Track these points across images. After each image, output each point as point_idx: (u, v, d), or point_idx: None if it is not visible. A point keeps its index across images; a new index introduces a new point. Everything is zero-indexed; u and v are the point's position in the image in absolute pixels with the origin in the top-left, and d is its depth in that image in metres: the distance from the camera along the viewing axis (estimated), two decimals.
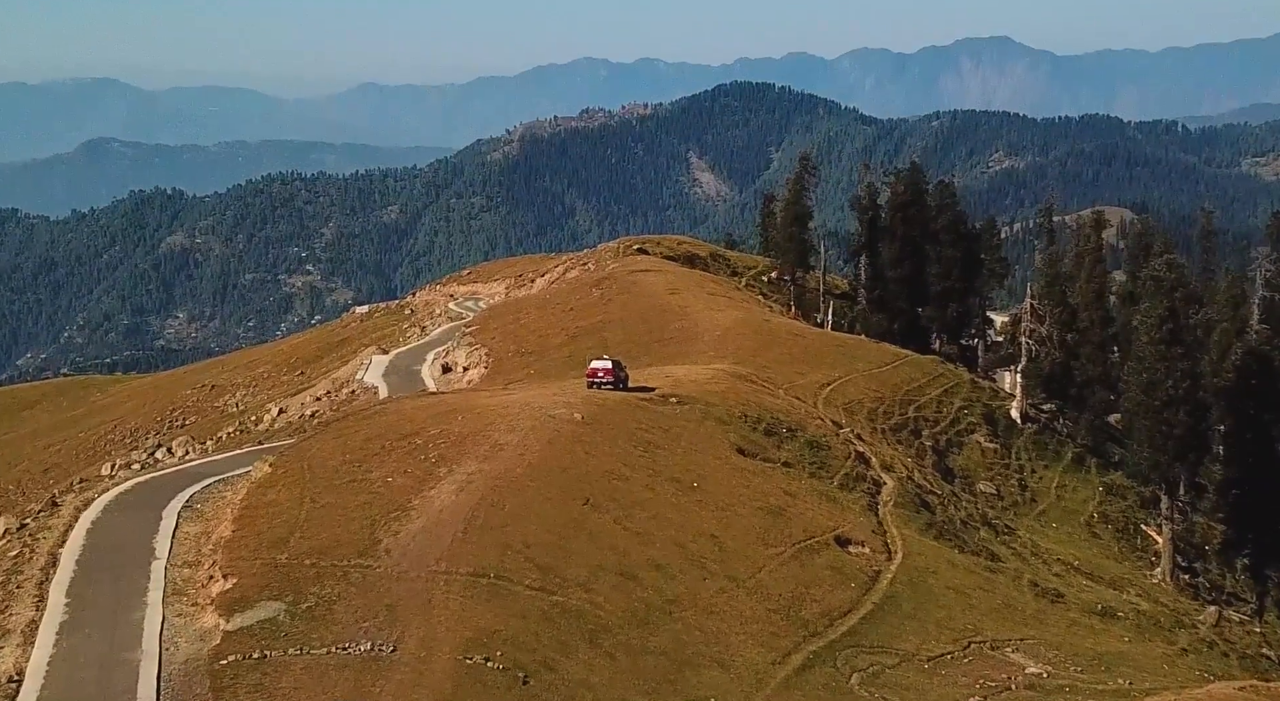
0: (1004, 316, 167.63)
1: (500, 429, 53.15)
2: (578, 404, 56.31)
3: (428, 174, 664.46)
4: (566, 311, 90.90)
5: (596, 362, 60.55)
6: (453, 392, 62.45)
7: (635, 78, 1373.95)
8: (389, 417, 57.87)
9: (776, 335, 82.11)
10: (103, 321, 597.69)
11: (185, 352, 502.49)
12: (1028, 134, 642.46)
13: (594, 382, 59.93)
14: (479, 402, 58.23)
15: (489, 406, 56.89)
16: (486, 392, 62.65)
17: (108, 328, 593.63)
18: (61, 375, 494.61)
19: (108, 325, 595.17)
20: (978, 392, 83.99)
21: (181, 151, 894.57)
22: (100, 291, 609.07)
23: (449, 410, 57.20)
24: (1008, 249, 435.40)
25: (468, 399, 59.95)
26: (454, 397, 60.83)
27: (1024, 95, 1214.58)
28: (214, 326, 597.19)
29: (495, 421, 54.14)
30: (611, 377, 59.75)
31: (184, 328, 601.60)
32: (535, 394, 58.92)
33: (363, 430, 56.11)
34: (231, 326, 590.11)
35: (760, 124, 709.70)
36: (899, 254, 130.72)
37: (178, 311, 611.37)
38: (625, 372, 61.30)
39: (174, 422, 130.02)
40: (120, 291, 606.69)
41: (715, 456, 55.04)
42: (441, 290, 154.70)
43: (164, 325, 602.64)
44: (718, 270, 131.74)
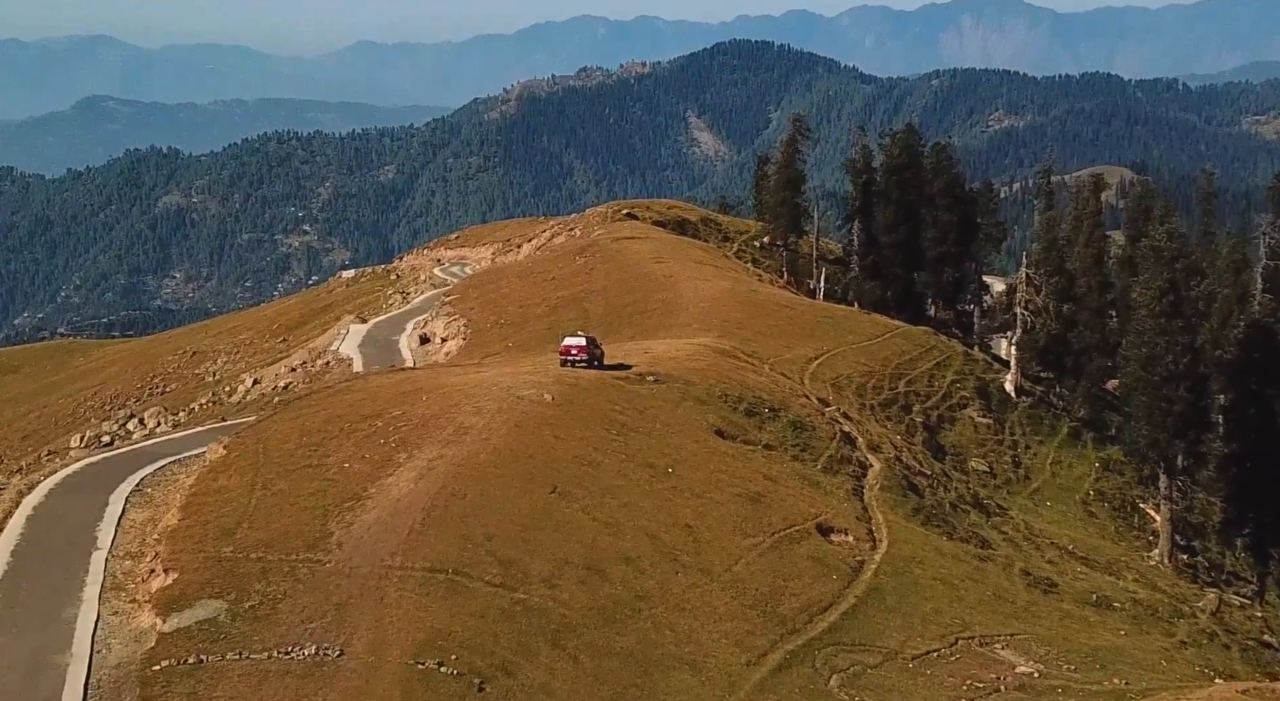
0: (1001, 280, 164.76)
1: (465, 411, 50.35)
2: (549, 384, 53.46)
3: (424, 133, 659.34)
4: (548, 281, 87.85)
5: (570, 340, 57.48)
6: (422, 369, 59.66)
7: (634, 35, 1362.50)
8: (352, 396, 55.06)
9: (763, 306, 79.09)
10: (99, 281, 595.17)
11: (182, 313, 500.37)
12: (1028, 92, 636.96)
13: (567, 360, 56.94)
14: (446, 381, 55.41)
15: (456, 385, 54.11)
16: (457, 369, 59.83)
17: (104, 287, 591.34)
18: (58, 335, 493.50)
19: (104, 285, 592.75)
20: (971, 365, 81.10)
21: (178, 110, 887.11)
22: (97, 251, 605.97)
23: (415, 389, 54.40)
24: (1007, 209, 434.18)
25: (435, 377, 57.11)
26: (422, 375, 58.02)
27: (1024, 53, 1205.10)
28: (211, 286, 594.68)
29: (461, 402, 51.35)
30: (585, 355, 56.72)
31: (181, 287, 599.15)
32: (506, 372, 56.07)
33: (324, 410, 53.34)
34: (229, 286, 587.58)
35: (759, 83, 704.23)
36: (894, 218, 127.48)
37: (174, 271, 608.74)
38: (600, 350, 58.32)
39: (154, 389, 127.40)
40: (117, 251, 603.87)
41: (693, 439, 52.24)
42: (429, 254, 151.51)
43: (161, 285, 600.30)
44: (708, 235, 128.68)
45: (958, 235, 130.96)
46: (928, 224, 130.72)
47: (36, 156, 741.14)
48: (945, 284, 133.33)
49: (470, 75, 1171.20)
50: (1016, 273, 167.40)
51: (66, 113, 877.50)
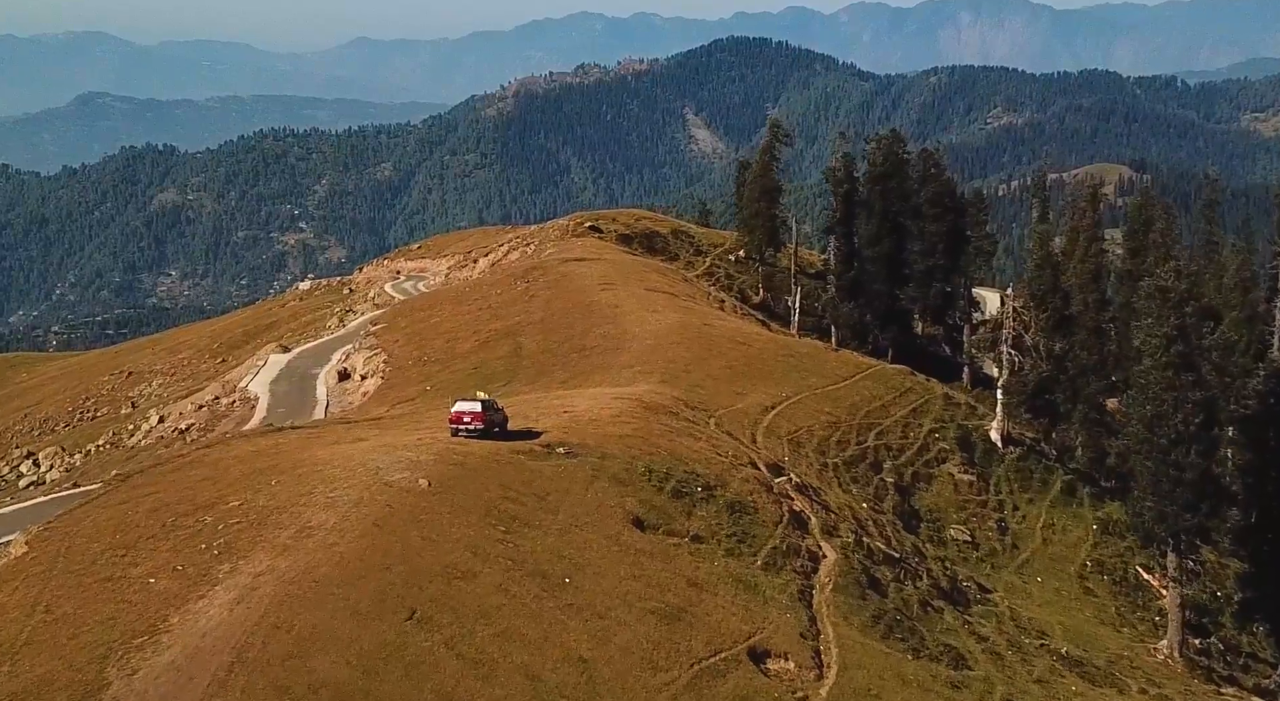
0: (994, 292, 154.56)
1: (318, 501, 40.26)
2: (429, 462, 43.31)
3: (421, 130, 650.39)
4: (483, 309, 77.67)
5: (462, 404, 47.12)
6: (294, 434, 49.81)
7: (631, 32, 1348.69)
8: (196, 474, 45.03)
9: (717, 343, 68.83)
10: (95, 279, 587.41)
11: (177, 311, 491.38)
12: (1026, 89, 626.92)
13: (459, 429, 46.72)
14: (310, 456, 45.29)
15: (319, 463, 43.99)
16: (333, 434, 49.70)
17: (100, 285, 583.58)
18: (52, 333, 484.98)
19: (100, 282, 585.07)
20: (952, 410, 70.79)
21: (174, 106, 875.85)
22: (92, 248, 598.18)
23: (271, 466, 44.33)
24: (1005, 207, 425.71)
25: (302, 448, 46.96)
26: (290, 443, 48.03)
27: (1023, 49, 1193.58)
28: (207, 284, 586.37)
29: (316, 488, 41.24)
30: (481, 423, 46.44)
31: (176, 285, 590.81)
32: (384, 444, 45.89)
33: (155, 493, 43.33)
34: (224, 284, 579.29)
35: (757, 79, 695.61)
36: (877, 230, 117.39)
37: (170, 269, 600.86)
38: (501, 414, 48.06)
39: (84, 413, 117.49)
40: (112, 248, 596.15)
41: (603, 534, 42.08)
42: (389, 266, 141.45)
43: (156, 282, 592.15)
44: (679, 249, 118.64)
45: (946, 247, 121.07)
46: (914, 236, 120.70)
47: (32, 153, 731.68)
48: (933, 299, 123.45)
49: (468, 72, 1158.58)
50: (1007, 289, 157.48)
51: (63, 109, 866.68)
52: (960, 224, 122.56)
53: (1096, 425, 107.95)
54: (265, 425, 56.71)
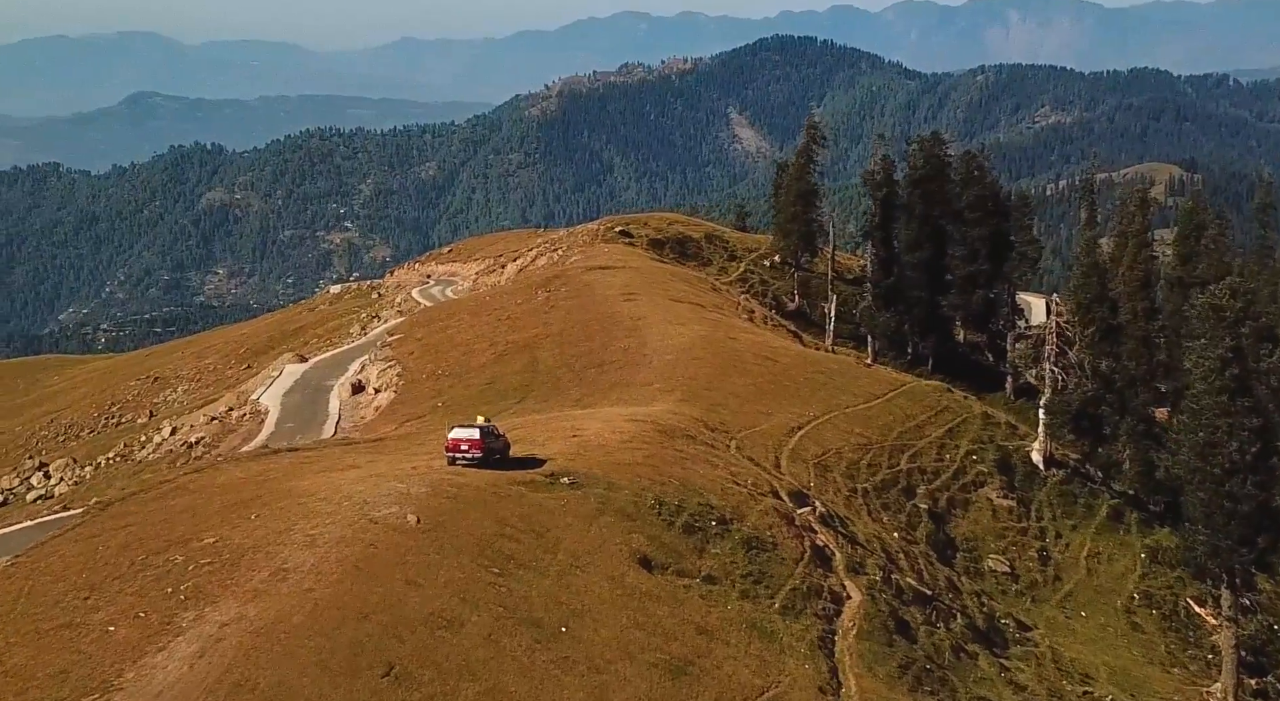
0: (1039, 297, 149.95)
1: (297, 539, 37.13)
2: (421, 495, 40.09)
3: (465, 130, 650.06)
4: (501, 320, 74.51)
5: (459, 431, 43.79)
6: (287, 457, 46.80)
7: (676, 31, 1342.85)
8: (176, 504, 42.08)
9: (741, 358, 65.28)
10: (143, 277, 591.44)
11: (224, 309, 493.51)
12: (1075, 88, 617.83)
13: (455, 457, 43.47)
14: (296, 485, 42.21)
15: (303, 494, 40.89)
16: (327, 459, 46.58)
17: (148, 283, 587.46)
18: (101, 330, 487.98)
19: (148, 280, 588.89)
20: (991, 430, 66.80)
21: (222, 106, 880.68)
22: (141, 247, 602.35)
23: (254, 497, 41.31)
24: (1053, 207, 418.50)
25: (290, 476, 43.87)
26: (280, 469, 45.02)
27: (1071, 48, 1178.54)
28: (253, 283, 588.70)
29: (297, 524, 38.13)
30: (479, 451, 43.13)
31: (223, 284, 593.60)
32: (376, 473, 42.70)
33: (130, 526, 40.40)
34: (271, 283, 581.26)
35: (802, 78, 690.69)
36: (917, 235, 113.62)
37: (217, 267, 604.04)
38: (502, 441, 44.73)
39: (109, 419, 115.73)
40: (160, 247, 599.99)
41: (605, 575, 38.72)
42: (420, 269, 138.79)
43: (204, 281, 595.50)
44: (713, 254, 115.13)
45: (989, 252, 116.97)
46: (955, 240, 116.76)
47: (82, 152, 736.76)
48: (975, 306, 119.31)
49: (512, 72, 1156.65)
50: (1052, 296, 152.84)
51: (113, 109, 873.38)
52: (1004, 228, 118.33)
53: (1145, 438, 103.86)
54: (261, 447, 53.77)
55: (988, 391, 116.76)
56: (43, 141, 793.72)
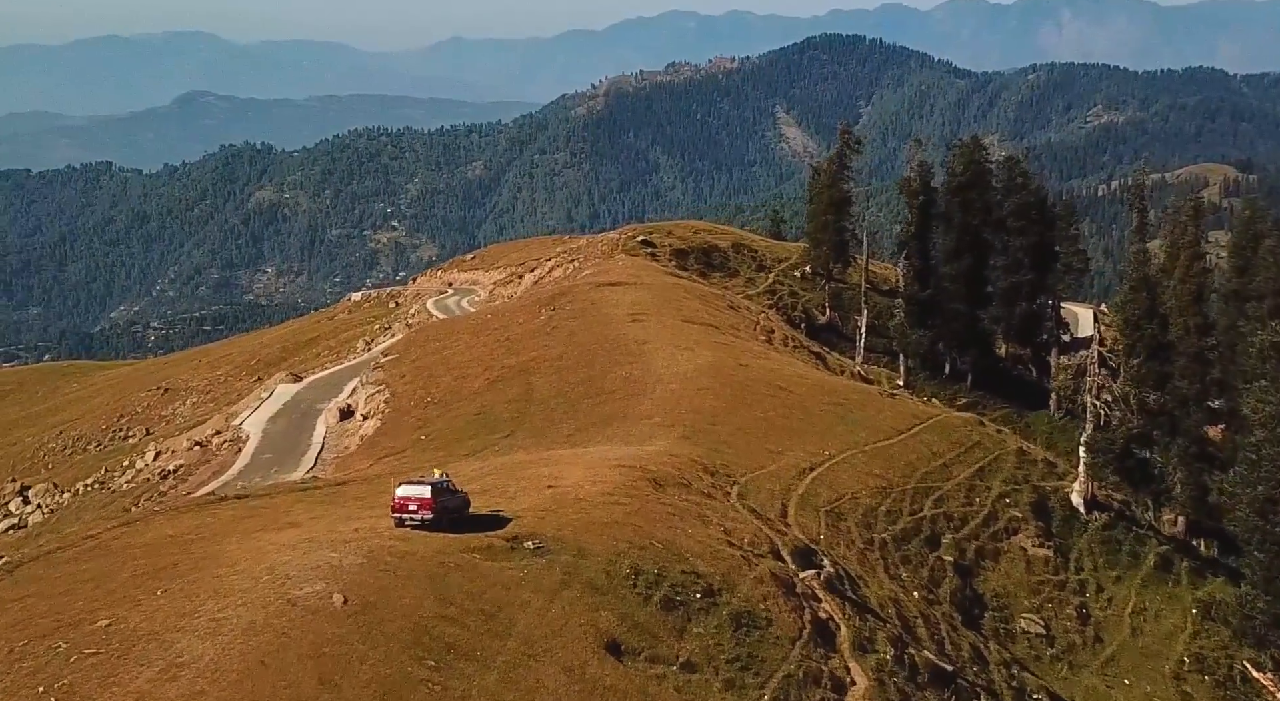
0: (1086, 307, 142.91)
1: (201, 624, 31.63)
2: (353, 566, 34.50)
3: (512, 129, 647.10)
4: (500, 342, 69.00)
5: (406, 489, 37.91)
6: (228, 507, 41.57)
7: (724, 30, 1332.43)
8: (84, 570, 36.80)
9: (752, 389, 59.35)
10: (193, 275, 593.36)
11: (272, 308, 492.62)
12: (1128, 87, 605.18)
13: (403, 519, 37.92)
14: (217, 552, 36.77)
15: (221, 564, 35.43)
16: (265, 515, 41.10)
17: (198, 281, 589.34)
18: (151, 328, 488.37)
19: (198, 278, 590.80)
20: (1027, 468, 60.34)
21: (272, 105, 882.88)
22: (191, 245, 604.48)
23: (166, 566, 35.85)
24: (1104, 208, 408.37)
25: (214, 539, 38.40)
26: (210, 527, 39.75)
27: (1124, 46, 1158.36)
28: (301, 281, 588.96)
29: (204, 604, 32.64)
30: (430, 511, 37.47)
31: (272, 282, 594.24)
32: (310, 537, 37.13)
33: (27, 598, 35.04)
34: (318, 281, 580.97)
35: (850, 77, 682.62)
36: (956, 245, 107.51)
37: (266, 266, 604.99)
38: (459, 498, 38.99)
39: (117, 432, 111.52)
40: (210, 245, 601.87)
41: (563, 665, 33.00)
42: (441, 277, 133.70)
43: (253, 279, 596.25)
44: (740, 264, 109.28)
45: (1032, 262, 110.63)
46: (997, 250, 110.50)
47: (135, 151, 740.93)
48: (1017, 319, 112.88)
49: (559, 71, 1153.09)
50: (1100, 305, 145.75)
51: (165, 108, 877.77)
52: (1048, 237, 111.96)
53: (1197, 460, 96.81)
54: (208, 494, 48.50)
55: (1031, 408, 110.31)
56: (96, 140, 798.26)
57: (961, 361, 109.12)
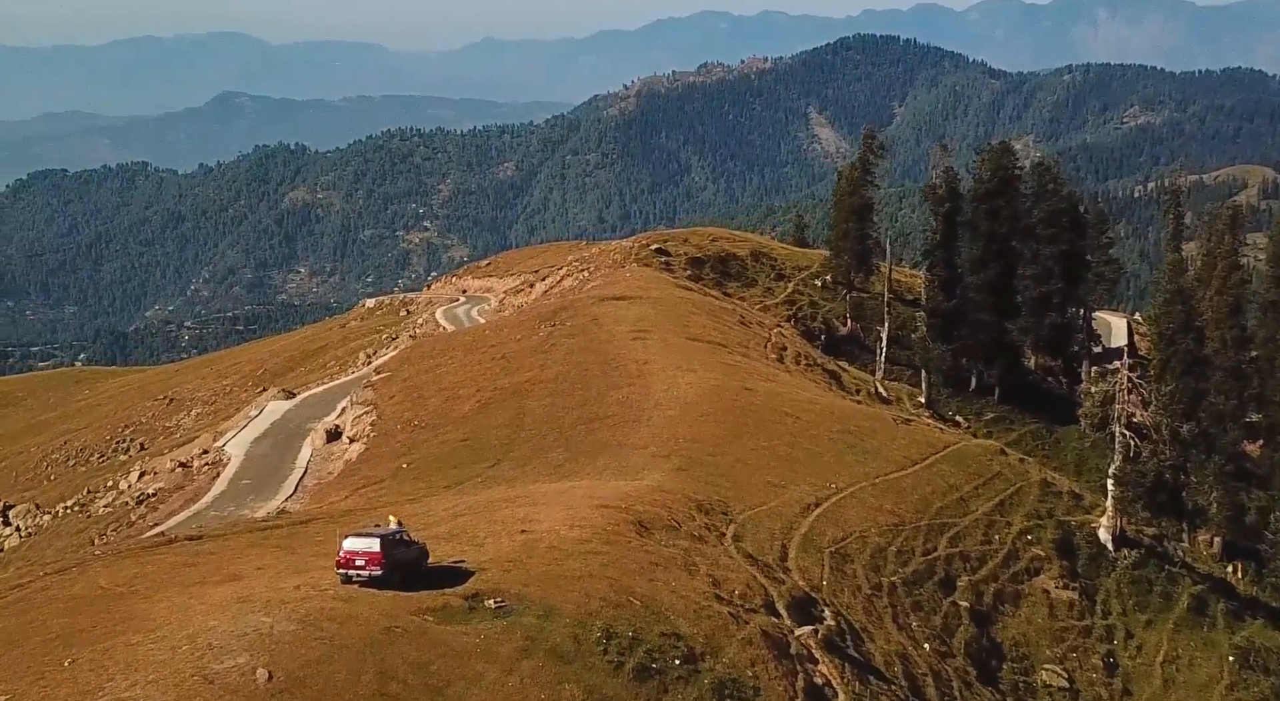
0: (1119, 317, 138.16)
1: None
2: (286, 633, 30.67)
3: (544, 130, 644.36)
4: (495, 360, 65.21)
5: (353, 542, 33.37)
6: (172, 556, 37.84)
7: (756, 30, 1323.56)
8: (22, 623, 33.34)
9: (757, 414, 55.29)
10: (227, 275, 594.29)
11: (305, 308, 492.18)
12: (1165, 88, 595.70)
13: (349, 575, 34.09)
14: (140, 613, 33.04)
15: (141, 628, 31.64)
16: (207, 565, 37.28)
17: (232, 281, 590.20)
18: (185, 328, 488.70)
19: (232, 278, 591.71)
20: (1051, 500, 55.94)
21: (307, 106, 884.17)
22: (225, 245, 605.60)
23: (83, 630, 32.11)
24: (1140, 210, 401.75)
25: (144, 595, 34.72)
26: (146, 578, 35.97)
27: (1161, 47, 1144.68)
28: (334, 282, 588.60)
29: (112, 680, 28.86)
30: (379, 568, 33.54)
31: (305, 282, 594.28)
32: (243, 597, 33.33)
33: None
34: (350, 282, 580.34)
35: (883, 77, 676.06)
36: (982, 254, 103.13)
37: (299, 266, 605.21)
38: (414, 550, 34.96)
39: (120, 443, 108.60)
40: (244, 245, 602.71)
41: None
42: (456, 283, 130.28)
43: (286, 279, 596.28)
44: (758, 273, 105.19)
45: (1063, 271, 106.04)
46: (1025, 259, 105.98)
47: (171, 151, 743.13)
48: (1046, 330, 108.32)
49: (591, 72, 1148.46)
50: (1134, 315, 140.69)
51: (201, 108, 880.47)
52: (1079, 245, 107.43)
53: (1234, 478, 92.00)
54: (158, 535, 44.82)
55: (1061, 422, 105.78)
56: (132, 140, 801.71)
57: (988, 374, 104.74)
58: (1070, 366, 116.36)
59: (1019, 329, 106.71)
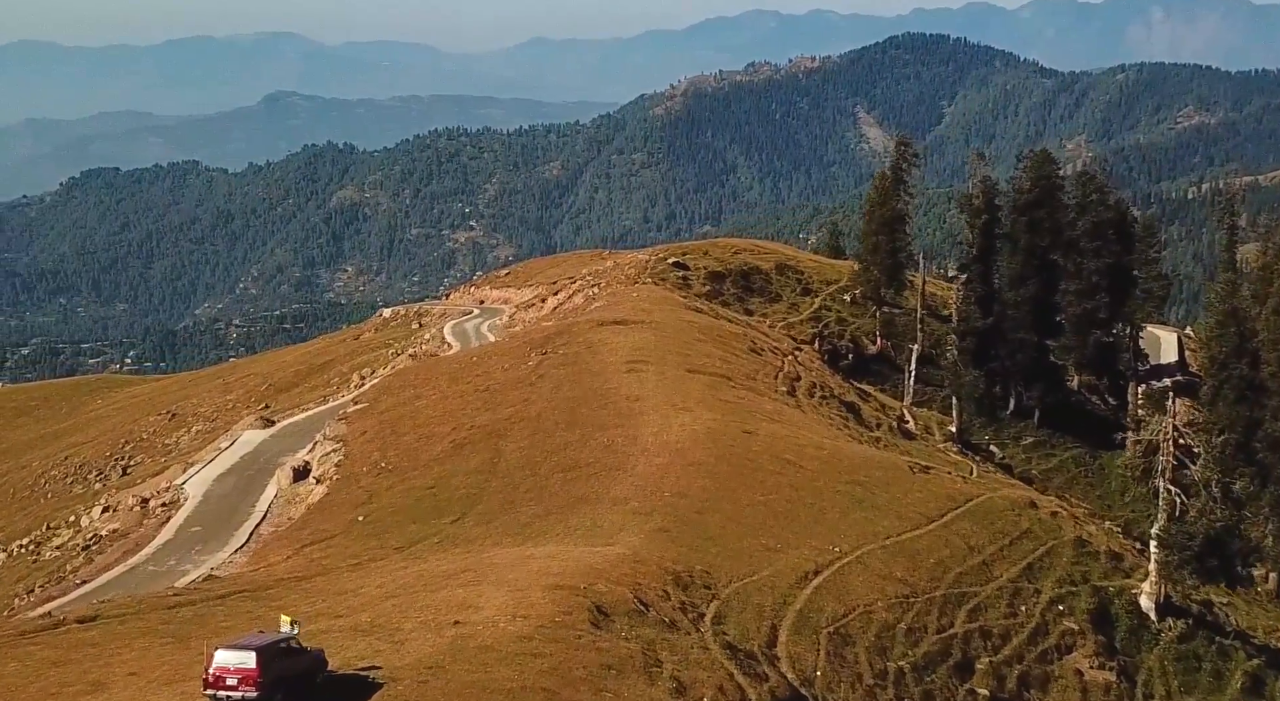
0: (1170, 331, 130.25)
1: None
2: None
3: (590, 129, 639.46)
4: (478, 392, 59.30)
5: (225, 655, 27.26)
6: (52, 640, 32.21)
7: (806, 30, 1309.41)
8: None
9: (755, 462, 48.98)
10: (275, 273, 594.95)
11: (351, 306, 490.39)
12: (1220, 87, 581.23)
13: (216, 697, 28.11)
14: None
15: None
16: (77, 663, 31.51)
17: (280, 280, 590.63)
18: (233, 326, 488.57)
19: (280, 277, 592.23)
20: (1085, 564, 49.02)
21: (356, 105, 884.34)
22: (274, 243, 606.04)
23: None
24: (1194, 211, 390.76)
25: None
26: (9, 675, 30.60)
27: (1217, 46, 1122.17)
28: (380, 280, 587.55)
29: None
30: (253, 688, 27.44)
31: (352, 281, 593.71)
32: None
33: None
34: (397, 281, 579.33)
35: (933, 77, 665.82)
36: (1022, 269, 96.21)
37: (346, 265, 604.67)
38: (306, 660, 28.72)
39: (119, 460, 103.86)
40: (293, 244, 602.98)
41: None
42: (475, 293, 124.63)
43: (333, 278, 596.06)
44: (782, 288, 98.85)
45: (1108, 287, 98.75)
46: (1069, 273, 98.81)
47: (222, 150, 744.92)
48: (1090, 349, 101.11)
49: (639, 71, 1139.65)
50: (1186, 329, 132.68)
51: (252, 108, 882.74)
52: (1126, 259, 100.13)
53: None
54: (44, 615, 39.05)
55: (1105, 447, 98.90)
56: (184, 140, 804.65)
57: (1028, 396, 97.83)
58: (1117, 384, 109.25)
59: (1060, 347, 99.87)
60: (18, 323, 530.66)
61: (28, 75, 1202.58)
